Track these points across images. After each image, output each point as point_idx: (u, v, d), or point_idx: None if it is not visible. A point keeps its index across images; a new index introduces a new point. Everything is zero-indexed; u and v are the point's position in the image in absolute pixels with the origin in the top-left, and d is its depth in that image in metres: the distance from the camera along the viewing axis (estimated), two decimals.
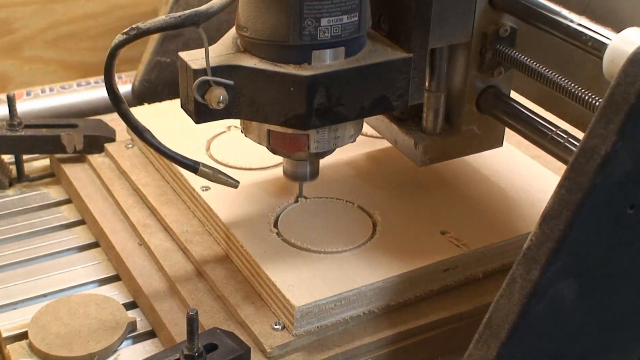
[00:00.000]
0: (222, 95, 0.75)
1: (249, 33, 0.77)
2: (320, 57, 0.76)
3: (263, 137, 0.82)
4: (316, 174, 0.87)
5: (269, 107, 0.77)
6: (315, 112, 0.77)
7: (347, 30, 0.76)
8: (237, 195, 0.92)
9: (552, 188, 0.95)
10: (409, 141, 0.88)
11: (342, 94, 0.77)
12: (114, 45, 0.78)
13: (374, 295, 0.82)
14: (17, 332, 0.84)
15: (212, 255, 0.89)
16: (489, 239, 0.87)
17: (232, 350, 0.75)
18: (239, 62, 0.77)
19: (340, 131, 0.82)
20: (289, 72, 0.76)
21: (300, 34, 0.75)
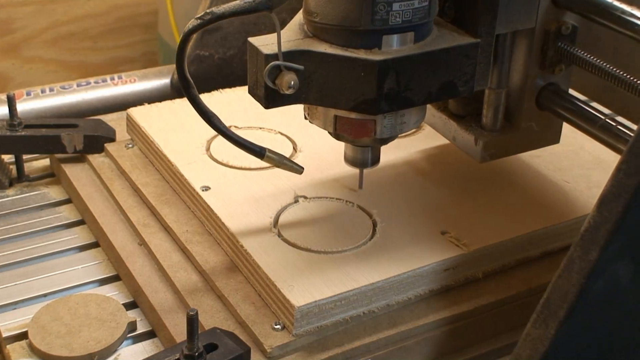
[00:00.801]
0: (293, 81, 0.76)
1: (319, 18, 0.77)
2: (391, 42, 0.77)
3: (329, 123, 0.82)
4: (377, 160, 0.88)
5: (338, 92, 0.78)
6: (384, 97, 0.77)
7: (417, 15, 0.76)
8: (237, 195, 0.92)
9: (551, 188, 0.96)
10: (469, 138, 0.89)
11: (411, 79, 0.78)
12: (188, 29, 0.77)
13: (374, 295, 0.82)
14: (17, 332, 0.84)
15: (212, 256, 0.89)
16: (489, 239, 0.87)
17: (232, 350, 0.75)
18: (309, 47, 0.77)
19: (406, 116, 0.82)
20: (359, 56, 0.76)
21: (372, 19, 0.75)
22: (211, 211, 0.90)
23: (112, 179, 1.02)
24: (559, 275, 0.67)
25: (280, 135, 1.04)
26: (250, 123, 1.06)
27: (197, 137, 1.02)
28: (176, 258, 0.90)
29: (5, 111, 1.06)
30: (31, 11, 2.20)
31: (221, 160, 0.99)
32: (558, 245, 0.91)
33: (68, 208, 1.03)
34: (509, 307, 0.87)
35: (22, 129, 1.04)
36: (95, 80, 1.27)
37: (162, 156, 0.99)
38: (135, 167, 1.02)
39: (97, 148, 1.06)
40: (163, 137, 1.02)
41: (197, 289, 0.86)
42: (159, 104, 1.10)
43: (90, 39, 2.29)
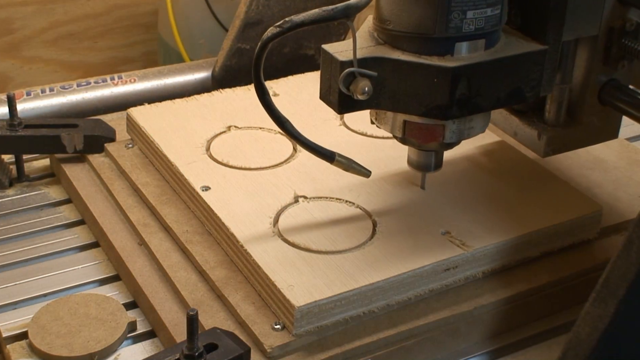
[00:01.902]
0: (367, 87, 0.77)
1: (392, 26, 0.79)
2: (463, 49, 0.79)
3: (398, 128, 0.84)
4: (440, 164, 0.90)
5: (410, 97, 0.80)
6: (456, 103, 0.79)
7: (489, 23, 0.79)
8: (237, 196, 0.92)
9: (551, 188, 0.96)
10: (532, 133, 0.91)
11: (481, 85, 0.80)
12: (267, 37, 0.79)
13: (374, 295, 0.82)
14: (17, 332, 0.84)
15: (212, 255, 0.89)
16: (489, 239, 0.87)
17: (232, 350, 0.75)
18: (383, 54, 0.79)
19: (474, 122, 0.84)
20: (433, 63, 0.78)
21: (447, 27, 0.77)
22: (211, 211, 0.90)
23: (112, 179, 1.02)
24: (618, 255, 0.68)
25: (280, 135, 1.04)
26: (250, 123, 1.06)
27: (197, 137, 1.02)
28: (176, 258, 0.90)
29: (5, 111, 1.06)
30: (31, 11, 2.20)
31: (221, 160, 0.99)
32: (558, 245, 0.92)
33: (68, 208, 1.03)
34: (509, 307, 0.87)
35: (22, 129, 1.04)
36: (95, 80, 1.27)
37: (162, 156, 0.99)
38: (135, 167, 1.02)
39: (97, 148, 1.06)
40: (163, 137, 1.02)
41: (197, 289, 0.86)
42: (159, 103, 1.10)
43: (90, 39, 2.30)
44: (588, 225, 0.93)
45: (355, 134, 1.05)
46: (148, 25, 2.31)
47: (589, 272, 0.91)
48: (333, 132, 1.05)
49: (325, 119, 1.07)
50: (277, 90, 1.13)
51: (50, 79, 2.22)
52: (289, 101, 1.11)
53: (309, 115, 1.08)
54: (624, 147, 1.11)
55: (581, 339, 0.70)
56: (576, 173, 1.02)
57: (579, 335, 0.71)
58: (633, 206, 0.98)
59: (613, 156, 1.08)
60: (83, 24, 2.28)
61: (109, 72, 1.33)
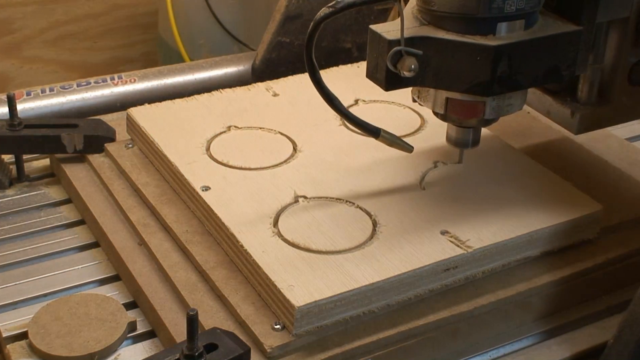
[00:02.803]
0: (414, 64, 0.81)
1: (436, 7, 0.83)
2: (504, 29, 0.82)
3: (439, 104, 0.87)
4: (478, 141, 0.93)
5: (453, 75, 0.83)
6: (497, 80, 0.82)
7: (529, 4, 0.82)
8: (237, 195, 0.92)
9: (552, 188, 0.96)
10: (565, 111, 0.94)
11: (521, 63, 0.83)
12: (320, 17, 0.82)
13: (374, 295, 0.82)
14: (17, 332, 0.84)
15: (212, 255, 0.89)
16: (489, 239, 0.87)
17: (232, 350, 0.75)
18: (428, 34, 0.82)
19: (513, 99, 0.87)
20: (476, 42, 0.81)
21: (489, 7, 0.81)
22: (211, 211, 0.90)
23: (112, 179, 1.02)
24: None
25: (280, 135, 1.04)
26: (250, 123, 1.06)
27: (197, 137, 1.02)
28: (176, 258, 0.90)
29: (5, 111, 1.06)
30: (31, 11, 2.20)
31: (221, 160, 0.99)
32: (558, 245, 0.91)
33: (68, 208, 1.03)
34: (509, 307, 0.87)
35: (22, 129, 1.04)
36: (95, 80, 1.27)
37: (162, 156, 0.99)
38: (135, 167, 1.02)
39: (97, 148, 1.06)
40: (163, 137, 1.02)
41: (197, 289, 0.86)
42: (159, 103, 1.10)
43: (90, 39, 2.30)
44: (588, 225, 0.93)
45: (355, 134, 1.04)
46: (148, 25, 2.31)
47: (589, 272, 0.91)
48: (333, 132, 1.05)
49: (325, 119, 1.07)
50: (277, 90, 1.13)
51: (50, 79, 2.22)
52: (289, 101, 1.11)
53: (309, 115, 1.08)
54: (624, 147, 1.11)
55: (637, 317, 0.71)
56: (576, 173, 1.02)
57: (635, 314, 0.72)
58: (633, 206, 0.98)
59: (613, 156, 1.08)
60: (83, 24, 2.28)
61: (109, 72, 1.33)
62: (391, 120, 1.06)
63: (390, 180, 0.96)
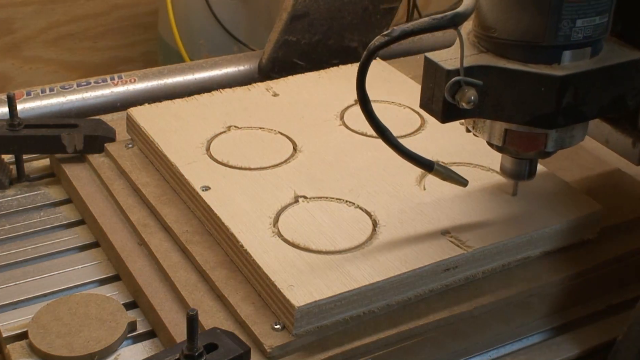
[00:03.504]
0: (474, 96, 0.77)
1: (497, 34, 0.79)
2: (569, 57, 0.78)
3: (497, 136, 0.83)
4: (534, 173, 0.89)
5: (514, 106, 0.79)
6: (562, 112, 0.78)
7: (597, 31, 0.78)
8: (237, 195, 0.92)
9: (551, 188, 0.96)
10: (626, 140, 0.91)
11: (587, 94, 0.79)
12: (374, 46, 0.78)
13: (374, 295, 0.82)
14: (17, 332, 0.84)
15: (212, 255, 0.89)
16: (489, 239, 0.87)
17: (232, 350, 0.75)
18: (488, 63, 0.79)
19: (575, 130, 0.83)
20: (541, 72, 0.77)
21: (556, 35, 0.77)
22: (211, 211, 0.90)
23: (112, 179, 1.02)
24: None
25: (280, 135, 1.04)
26: (250, 123, 1.06)
27: (197, 137, 1.02)
28: (176, 258, 0.90)
29: (5, 111, 1.06)
30: (31, 11, 2.20)
31: (221, 160, 0.99)
32: (558, 245, 0.91)
33: (68, 208, 1.03)
34: (509, 307, 0.87)
35: (22, 129, 1.04)
36: (95, 80, 1.27)
37: (162, 156, 0.99)
38: (135, 167, 1.02)
39: (97, 148, 1.06)
40: (163, 137, 1.02)
41: (197, 289, 0.86)
42: (159, 103, 1.10)
43: (90, 39, 2.30)
44: (588, 225, 0.93)
45: (355, 134, 1.05)
46: (148, 25, 2.31)
47: (589, 272, 0.91)
48: (333, 132, 1.05)
49: (325, 119, 1.07)
50: (277, 90, 1.13)
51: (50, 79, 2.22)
52: (289, 101, 1.11)
53: (309, 115, 1.08)
54: None
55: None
56: (576, 173, 1.02)
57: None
58: (633, 206, 0.98)
59: (613, 156, 1.08)
60: (83, 24, 2.28)
61: (109, 72, 1.33)
62: (391, 120, 1.06)
63: (390, 180, 0.96)
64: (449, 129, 1.03)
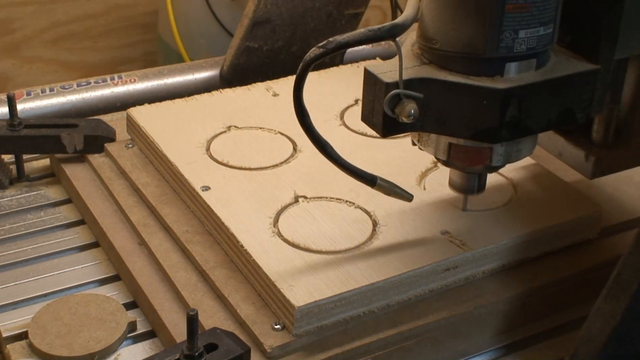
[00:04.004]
0: (413, 109, 0.75)
1: (439, 45, 0.76)
2: (513, 69, 0.76)
3: (442, 151, 0.81)
4: (483, 187, 0.87)
5: (457, 120, 0.77)
6: (506, 125, 0.76)
7: (541, 42, 0.75)
8: (237, 195, 0.92)
9: (551, 188, 0.96)
10: (578, 153, 0.88)
11: (532, 107, 0.77)
12: (310, 58, 0.76)
13: (374, 295, 0.82)
14: (17, 332, 0.84)
15: (212, 255, 0.89)
16: (489, 239, 0.87)
17: (232, 350, 0.75)
18: (429, 75, 0.76)
19: (521, 144, 0.81)
20: (483, 85, 0.75)
21: (498, 46, 0.74)
22: (211, 211, 0.90)
23: (112, 179, 1.02)
24: (630, 251, 0.68)
25: (280, 135, 1.04)
26: (250, 123, 1.06)
27: (197, 137, 1.02)
28: (176, 258, 0.90)
29: (5, 111, 1.06)
30: (31, 11, 2.20)
31: (221, 160, 0.99)
32: (558, 245, 0.92)
33: (68, 208, 1.03)
34: (509, 307, 0.87)
35: (22, 129, 1.04)
36: (95, 80, 1.27)
37: (162, 156, 0.99)
38: (135, 167, 1.02)
39: (97, 148, 1.06)
40: (163, 137, 1.02)
41: (197, 289, 0.86)
42: (159, 103, 1.10)
43: (90, 39, 2.30)
44: (588, 225, 0.93)
45: (355, 134, 1.05)
46: (148, 25, 2.31)
47: (589, 272, 0.91)
48: (333, 132, 1.05)
49: (325, 119, 1.07)
50: (277, 90, 1.13)
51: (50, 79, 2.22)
52: (289, 101, 1.10)
53: (309, 115, 1.07)
54: None
55: (593, 335, 0.70)
56: (576, 173, 1.02)
57: (591, 331, 0.70)
58: (633, 206, 0.98)
59: None
60: (83, 24, 2.28)
61: (109, 72, 1.33)
62: None
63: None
64: None
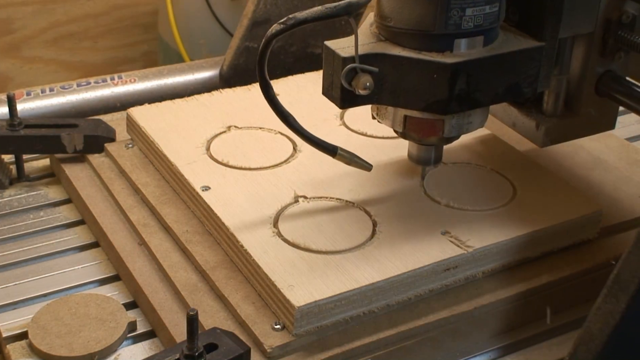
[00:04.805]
0: (369, 82, 0.80)
1: (393, 23, 0.81)
2: (462, 45, 0.81)
3: (398, 122, 0.86)
4: (440, 159, 0.92)
5: (410, 93, 0.81)
6: (455, 98, 0.81)
7: (488, 20, 0.80)
8: (237, 195, 0.92)
9: (551, 188, 0.96)
10: (530, 123, 0.93)
11: (480, 81, 0.82)
12: (271, 34, 0.81)
13: (374, 295, 0.82)
14: (17, 332, 0.84)
15: (212, 255, 0.89)
16: (489, 239, 0.87)
17: (232, 350, 0.75)
18: (383, 51, 0.81)
19: (472, 117, 0.86)
20: (433, 59, 0.80)
21: (446, 23, 0.79)
22: (211, 211, 0.90)
23: (112, 179, 1.02)
24: (629, 251, 0.69)
25: (280, 135, 1.04)
26: (250, 123, 1.06)
27: (197, 137, 1.02)
28: (176, 258, 0.90)
29: (5, 111, 1.06)
30: (31, 11, 2.20)
31: (221, 160, 0.99)
32: (558, 245, 0.92)
33: (68, 208, 1.03)
34: (509, 307, 0.87)
35: (22, 129, 1.04)
36: (95, 80, 1.27)
37: (162, 156, 0.99)
38: (135, 167, 1.02)
39: (97, 148, 1.06)
40: (163, 137, 1.02)
41: (197, 289, 0.86)
42: (159, 103, 1.10)
43: (90, 39, 2.30)
44: (588, 225, 0.93)
45: (355, 134, 1.05)
46: (148, 25, 2.31)
47: (589, 272, 0.91)
48: (333, 132, 1.05)
49: (325, 118, 1.07)
50: (277, 90, 1.13)
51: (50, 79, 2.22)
52: (289, 101, 1.11)
53: (309, 115, 1.07)
54: (624, 147, 1.11)
55: (593, 335, 0.71)
56: (576, 173, 1.02)
57: (590, 331, 0.71)
58: (633, 206, 0.98)
59: (613, 156, 1.08)
60: (83, 24, 2.28)
61: (109, 72, 1.33)
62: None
63: (390, 180, 0.96)
64: None
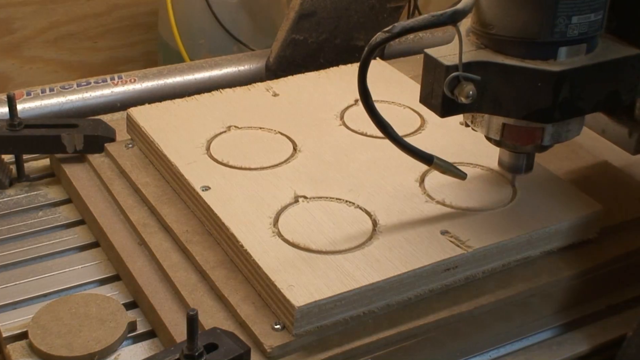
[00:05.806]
0: (472, 91, 0.79)
1: (495, 30, 0.81)
2: (566, 53, 0.81)
3: (495, 130, 0.85)
4: (531, 167, 0.91)
5: (512, 101, 0.81)
6: (558, 106, 0.81)
7: (592, 28, 0.80)
8: (237, 195, 0.92)
9: (551, 188, 0.96)
10: (622, 130, 0.93)
11: (582, 89, 0.82)
12: (375, 42, 0.80)
13: (374, 295, 0.82)
14: (17, 332, 0.84)
15: (212, 255, 0.89)
16: (489, 239, 0.87)
17: (232, 350, 0.75)
18: (487, 59, 0.81)
19: (571, 125, 0.85)
20: (538, 67, 0.80)
21: (552, 32, 0.79)
22: (211, 211, 0.90)
23: (112, 179, 1.02)
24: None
25: (280, 135, 1.04)
26: (250, 123, 1.06)
27: (197, 137, 1.02)
28: (176, 258, 0.90)
29: (5, 111, 1.06)
30: (31, 11, 2.20)
31: (221, 160, 0.99)
32: (558, 245, 0.92)
33: (68, 208, 1.03)
34: (509, 307, 0.87)
35: (22, 129, 1.04)
36: (95, 80, 1.27)
37: (162, 156, 0.99)
38: (135, 167, 1.02)
39: (97, 148, 1.06)
40: (163, 137, 1.02)
41: (197, 288, 0.86)
42: (159, 103, 1.10)
43: (90, 39, 2.29)
44: (588, 225, 0.93)
45: (355, 134, 1.05)
46: (148, 25, 2.31)
47: (589, 272, 0.91)
48: (333, 132, 1.05)
49: (325, 118, 1.07)
50: (277, 90, 1.13)
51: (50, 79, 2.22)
52: (289, 101, 1.11)
53: (309, 115, 1.08)
54: None
55: None
56: (576, 173, 1.02)
57: None
58: (633, 206, 0.98)
59: (613, 156, 1.08)
60: (83, 24, 2.28)
61: (109, 72, 1.33)
62: (391, 120, 1.06)
63: (390, 180, 0.96)
64: (448, 129, 1.04)
